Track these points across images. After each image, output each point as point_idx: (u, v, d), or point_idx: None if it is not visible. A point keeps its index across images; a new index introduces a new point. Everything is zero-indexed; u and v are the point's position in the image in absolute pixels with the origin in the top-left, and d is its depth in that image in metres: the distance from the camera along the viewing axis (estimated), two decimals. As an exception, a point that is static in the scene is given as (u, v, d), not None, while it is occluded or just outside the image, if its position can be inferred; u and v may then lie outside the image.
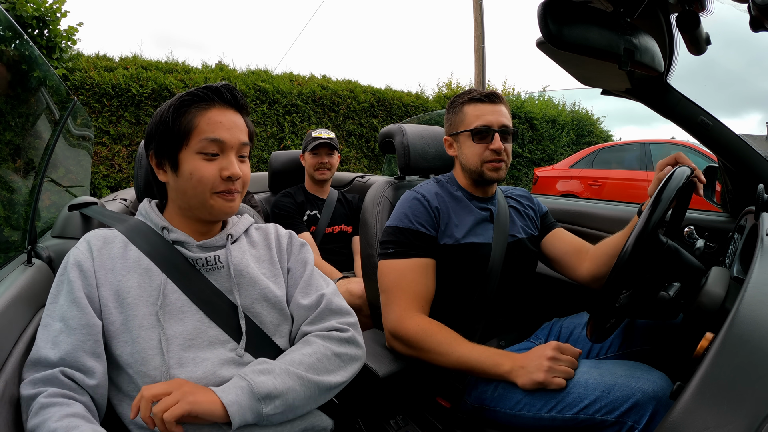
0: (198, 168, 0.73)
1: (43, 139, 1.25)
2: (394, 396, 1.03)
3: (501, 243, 1.12)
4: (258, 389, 0.66)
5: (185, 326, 0.73)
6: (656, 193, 0.77)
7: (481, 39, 7.87)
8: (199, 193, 0.74)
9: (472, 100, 1.15)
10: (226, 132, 0.74)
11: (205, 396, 0.63)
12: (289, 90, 5.84)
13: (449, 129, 1.20)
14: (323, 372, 0.74)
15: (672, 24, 0.94)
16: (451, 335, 0.97)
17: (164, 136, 0.75)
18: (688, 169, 0.87)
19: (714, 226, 1.28)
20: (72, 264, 0.72)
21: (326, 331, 0.80)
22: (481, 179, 1.14)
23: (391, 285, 1.05)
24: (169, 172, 0.76)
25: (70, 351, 0.66)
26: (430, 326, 0.98)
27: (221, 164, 0.74)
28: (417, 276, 1.04)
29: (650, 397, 0.77)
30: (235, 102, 0.78)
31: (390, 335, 1.03)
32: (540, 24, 0.72)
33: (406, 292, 1.03)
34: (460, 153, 1.17)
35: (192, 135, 0.73)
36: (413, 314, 1.01)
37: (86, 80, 4.60)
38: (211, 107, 0.75)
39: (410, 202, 1.11)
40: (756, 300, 0.53)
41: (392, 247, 1.07)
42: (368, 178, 2.42)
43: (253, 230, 0.89)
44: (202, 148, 0.73)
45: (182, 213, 0.79)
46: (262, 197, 2.20)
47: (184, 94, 0.76)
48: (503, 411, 0.94)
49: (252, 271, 0.80)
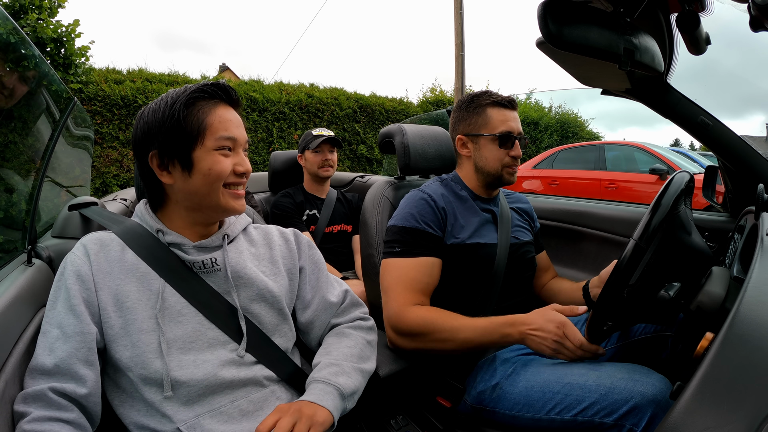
0: (217, 162, 0.73)
1: (44, 139, 1.25)
2: (394, 396, 1.03)
3: (504, 245, 1.13)
4: (345, 390, 0.74)
5: (185, 329, 0.73)
6: (656, 198, 0.77)
7: (461, 47, 8.41)
8: (215, 189, 0.74)
9: (496, 104, 1.14)
10: (236, 130, 0.76)
11: (321, 413, 0.69)
12: (278, 99, 6.62)
13: (466, 128, 1.17)
14: (365, 360, 0.84)
15: (672, 24, 0.94)
16: (451, 318, 0.96)
17: (173, 134, 0.72)
18: (687, 174, 0.87)
19: (714, 226, 1.28)
20: (69, 271, 0.72)
21: (353, 322, 0.91)
22: (499, 182, 1.15)
23: (393, 282, 1.04)
24: (178, 172, 0.73)
25: (64, 358, 0.67)
26: (429, 313, 0.98)
27: (235, 160, 0.75)
28: (420, 274, 1.04)
29: (649, 400, 0.77)
30: (237, 101, 0.79)
31: (391, 331, 1.03)
32: (540, 24, 0.72)
33: (406, 287, 1.03)
34: (478, 155, 1.16)
35: (207, 133, 0.73)
36: (411, 306, 1.00)
37: (98, 92, 5.45)
38: (217, 105, 0.75)
39: (416, 202, 1.10)
40: (756, 300, 0.53)
41: (398, 246, 1.06)
42: (368, 178, 2.42)
43: (251, 229, 0.89)
44: (220, 146, 0.73)
45: (186, 214, 0.78)
46: (262, 197, 2.20)
47: (192, 91, 0.74)
48: (502, 412, 0.94)
49: (249, 272, 0.80)
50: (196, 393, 0.70)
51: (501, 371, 0.98)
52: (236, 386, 0.73)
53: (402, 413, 1.01)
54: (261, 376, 0.75)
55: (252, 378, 0.74)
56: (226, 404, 0.71)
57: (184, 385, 0.70)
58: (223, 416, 0.71)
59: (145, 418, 0.70)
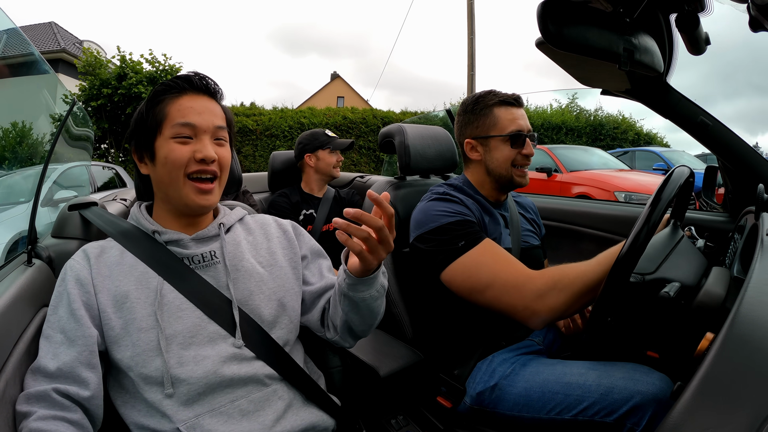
0: (172, 150, 0.74)
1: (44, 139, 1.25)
2: (394, 395, 1.03)
3: (517, 248, 1.11)
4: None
5: (184, 323, 0.73)
6: (656, 193, 0.77)
7: (472, 68, 10.18)
8: (174, 178, 0.74)
9: (503, 103, 1.10)
10: (197, 116, 0.75)
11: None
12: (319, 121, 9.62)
13: (474, 131, 1.12)
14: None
15: (672, 24, 0.94)
16: (570, 269, 0.88)
17: (140, 128, 0.77)
18: (687, 168, 0.87)
19: (714, 226, 1.28)
20: (70, 276, 0.73)
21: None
22: (510, 185, 1.11)
23: (492, 275, 0.92)
24: (148, 163, 0.78)
25: (68, 362, 0.67)
26: (552, 273, 0.89)
27: (195, 147, 0.75)
28: (500, 249, 0.97)
29: (650, 400, 0.77)
30: (206, 88, 0.79)
31: (540, 315, 0.88)
32: (540, 24, 0.72)
33: (507, 263, 0.93)
34: (489, 157, 1.11)
35: (165, 122, 0.75)
36: (533, 276, 0.90)
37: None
38: (182, 95, 0.76)
39: (445, 202, 1.04)
40: (756, 300, 0.53)
41: (458, 241, 0.96)
42: (368, 178, 2.42)
43: (248, 218, 0.90)
44: (176, 133, 0.74)
45: (168, 208, 0.80)
46: (261, 197, 2.19)
47: (157, 87, 0.78)
48: (502, 412, 0.94)
49: (247, 264, 0.80)
50: (196, 392, 0.70)
51: (500, 371, 0.98)
52: (237, 384, 0.73)
53: (402, 413, 1.01)
54: (262, 374, 0.75)
55: (253, 376, 0.74)
56: (226, 404, 0.71)
57: (184, 383, 0.70)
58: (223, 416, 0.71)
59: (145, 418, 0.70)
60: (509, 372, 0.97)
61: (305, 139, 2.08)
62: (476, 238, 0.97)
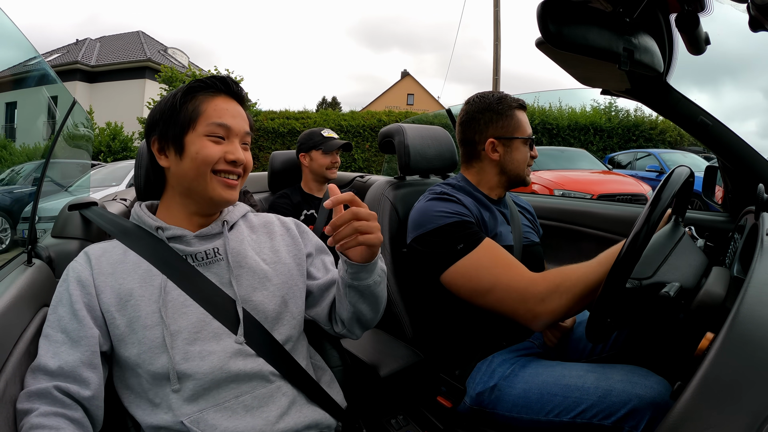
0: (204, 146, 0.75)
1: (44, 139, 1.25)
2: (394, 395, 1.03)
3: (518, 245, 1.12)
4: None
5: (189, 319, 0.73)
6: (656, 193, 0.77)
7: (496, 72, 10.98)
8: (202, 173, 0.75)
9: (520, 107, 1.15)
10: (232, 119, 0.77)
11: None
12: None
13: (498, 131, 1.12)
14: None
15: (672, 24, 0.94)
16: (572, 271, 0.88)
17: (170, 120, 0.76)
18: (687, 168, 0.87)
19: (714, 226, 1.28)
20: (71, 277, 0.74)
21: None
22: (523, 183, 1.16)
23: (493, 278, 0.92)
24: (172, 156, 0.77)
25: (69, 361, 0.68)
26: (554, 276, 0.89)
27: (226, 148, 0.76)
28: (500, 250, 0.97)
29: (648, 403, 0.77)
30: (238, 95, 0.81)
31: (542, 318, 0.89)
32: (540, 24, 0.72)
33: (510, 270, 0.92)
34: (508, 158, 1.12)
35: (200, 119, 0.76)
36: (535, 280, 0.90)
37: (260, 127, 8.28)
38: (217, 95, 0.78)
39: (443, 202, 1.04)
40: (756, 300, 0.53)
41: (458, 244, 0.96)
42: (368, 178, 2.42)
43: (251, 216, 0.90)
44: (210, 132, 0.75)
45: (181, 202, 0.80)
46: (261, 197, 2.19)
47: (192, 82, 0.78)
48: (501, 413, 0.94)
49: (250, 261, 0.81)
50: (202, 387, 0.70)
51: (499, 372, 0.98)
52: (242, 380, 0.73)
53: (402, 413, 1.01)
54: (267, 371, 0.75)
55: (258, 372, 0.74)
56: (231, 399, 0.72)
57: (190, 379, 0.70)
58: (227, 411, 0.71)
59: (150, 413, 0.70)
60: (509, 373, 0.97)
61: (302, 137, 2.06)
62: (476, 240, 0.97)
